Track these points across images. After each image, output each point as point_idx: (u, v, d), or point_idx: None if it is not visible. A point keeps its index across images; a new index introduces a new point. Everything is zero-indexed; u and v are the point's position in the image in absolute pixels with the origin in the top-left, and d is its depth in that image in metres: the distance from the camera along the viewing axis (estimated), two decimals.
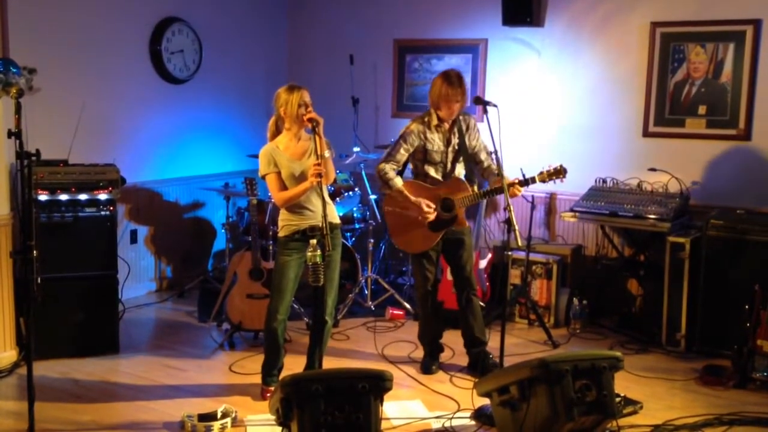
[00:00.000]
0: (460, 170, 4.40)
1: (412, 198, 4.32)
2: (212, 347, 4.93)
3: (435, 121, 4.34)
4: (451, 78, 4.24)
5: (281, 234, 4.04)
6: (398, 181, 4.37)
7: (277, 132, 4.06)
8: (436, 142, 4.35)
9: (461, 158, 4.38)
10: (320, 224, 3.70)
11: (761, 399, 4.18)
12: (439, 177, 4.39)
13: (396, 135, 4.42)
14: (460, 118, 4.37)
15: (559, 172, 4.20)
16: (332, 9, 6.82)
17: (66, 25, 5.24)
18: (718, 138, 5.30)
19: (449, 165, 4.38)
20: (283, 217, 4.03)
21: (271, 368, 4.14)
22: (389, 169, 4.36)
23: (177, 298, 5.97)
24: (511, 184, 4.16)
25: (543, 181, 4.22)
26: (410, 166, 4.50)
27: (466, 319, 4.51)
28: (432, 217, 4.31)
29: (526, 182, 4.20)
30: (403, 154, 4.38)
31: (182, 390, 4.21)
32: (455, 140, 4.36)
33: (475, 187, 4.37)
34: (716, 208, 5.13)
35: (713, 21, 5.25)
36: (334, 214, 4.10)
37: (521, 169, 4.30)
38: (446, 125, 4.35)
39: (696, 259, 4.83)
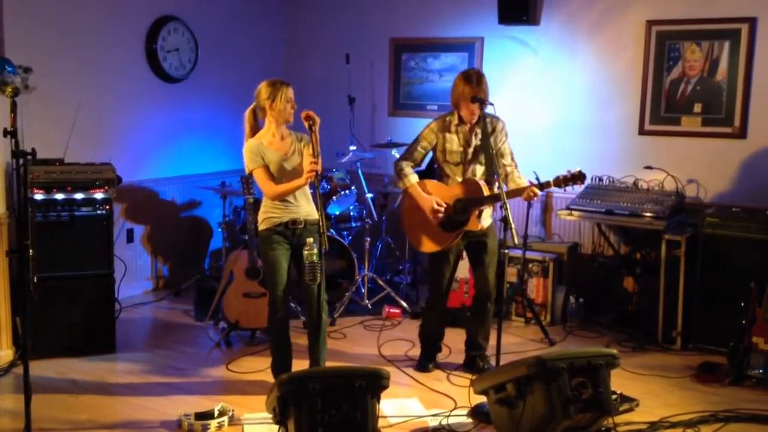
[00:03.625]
0: (478, 172, 4.33)
1: (423, 195, 4.29)
2: (209, 346, 4.92)
3: (456, 122, 4.28)
4: (471, 77, 4.18)
5: (262, 227, 4.02)
6: (412, 179, 4.34)
7: (256, 124, 4.05)
8: (455, 142, 4.28)
9: (481, 160, 4.31)
10: (301, 217, 3.93)
11: (757, 396, 4.19)
12: (458, 178, 4.32)
13: (392, 134, 4.41)
14: (487, 120, 4.26)
15: (577, 178, 4.00)
16: (328, 8, 6.81)
17: (62, 24, 5.22)
18: (713, 136, 5.31)
19: (468, 166, 4.32)
20: (265, 209, 4.02)
21: (285, 366, 4.07)
22: (405, 165, 4.35)
23: (173, 297, 5.96)
24: (523, 189, 4.13)
25: (558, 185, 4.05)
26: (435, 166, 4.47)
27: (474, 323, 4.52)
28: (440, 216, 4.28)
29: (540, 186, 4.10)
30: (420, 152, 4.35)
31: (179, 389, 4.21)
32: (476, 141, 4.28)
33: (494, 189, 4.26)
34: (712, 205, 5.15)
35: (708, 19, 5.25)
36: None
37: (535, 173, 4.22)
38: (467, 126, 4.28)
39: (692, 256, 4.84)
